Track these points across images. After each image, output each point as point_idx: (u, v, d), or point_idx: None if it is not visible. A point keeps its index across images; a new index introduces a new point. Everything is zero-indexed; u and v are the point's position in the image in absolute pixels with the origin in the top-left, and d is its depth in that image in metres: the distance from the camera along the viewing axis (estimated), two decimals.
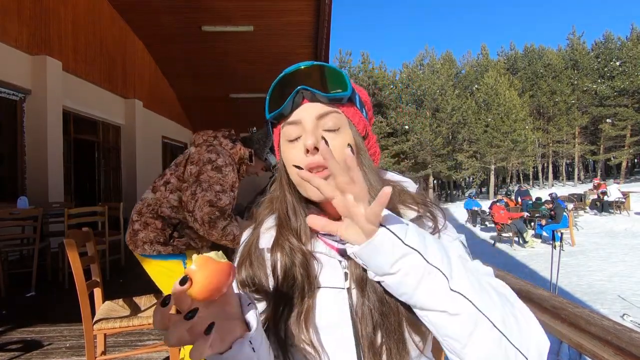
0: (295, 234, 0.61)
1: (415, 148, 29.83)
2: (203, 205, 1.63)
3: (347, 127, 0.59)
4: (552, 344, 2.27)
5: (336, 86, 0.58)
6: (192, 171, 1.69)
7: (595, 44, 37.38)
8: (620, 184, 18.29)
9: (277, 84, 0.59)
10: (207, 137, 1.80)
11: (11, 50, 4.80)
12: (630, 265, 7.43)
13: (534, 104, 34.89)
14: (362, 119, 0.62)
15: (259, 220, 0.68)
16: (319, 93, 0.56)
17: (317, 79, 0.57)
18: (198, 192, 1.65)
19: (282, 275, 0.59)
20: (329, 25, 7.26)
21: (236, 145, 1.81)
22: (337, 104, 0.58)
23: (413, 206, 0.61)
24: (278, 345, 0.58)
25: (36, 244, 3.69)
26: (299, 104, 0.57)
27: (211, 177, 1.67)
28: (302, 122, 0.57)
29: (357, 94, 0.62)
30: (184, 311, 0.40)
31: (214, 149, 1.73)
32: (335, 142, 0.56)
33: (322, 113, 0.57)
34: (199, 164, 1.69)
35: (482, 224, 13.66)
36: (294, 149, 0.58)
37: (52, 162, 5.26)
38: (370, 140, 0.64)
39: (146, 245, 1.71)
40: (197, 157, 1.71)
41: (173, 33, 7.79)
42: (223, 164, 1.70)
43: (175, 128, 11.40)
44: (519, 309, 0.49)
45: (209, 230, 1.66)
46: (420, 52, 48.37)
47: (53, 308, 3.27)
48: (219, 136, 1.81)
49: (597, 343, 1.10)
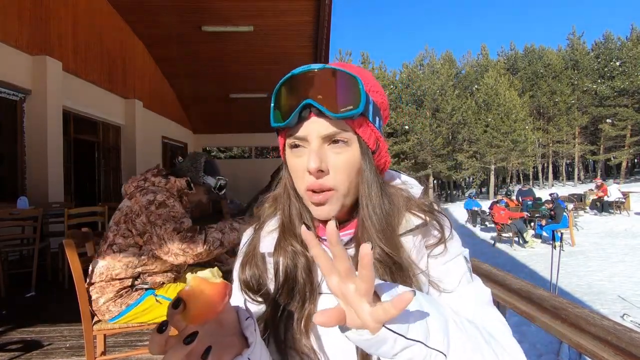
0: (299, 239, 0.60)
1: (415, 148, 29.83)
2: (172, 238, 1.60)
3: (356, 144, 0.56)
4: (552, 344, 2.27)
5: (347, 101, 0.53)
6: (143, 221, 1.64)
7: (595, 44, 37.37)
8: (620, 184, 18.28)
9: (284, 87, 0.55)
10: (137, 183, 1.75)
11: (11, 50, 4.79)
12: (630, 265, 7.42)
13: (534, 104, 34.88)
14: (373, 133, 0.57)
15: (262, 220, 0.67)
16: (327, 112, 0.52)
17: (327, 91, 0.53)
18: (160, 232, 1.62)
19: (283, 278, 0.59)
20: (329, 25, 7.26)
21: (169, 180, 1.78)
22: (347, 121, 0.54)
23: (419, 214, 0.60)
24: (277, 348, 0.57)
25: (36, 244, 3.69)
26: (305, 118, 0.54)
27: (161, 215, 1.63)
28: (307, 138, 0.55)
29: (371, 103, 0.57)
30: (179, 331, 0.39)
31: (148, 191, 1.69)
32: (339, 159, 0.55)
33: (328, 134, 0.54)
34: (143, 211, 1.64)
35: (482, 224, 13.66)
36: (298, 159, 0.56)
37: (52, 162, 5.26)
38: (380, 152, 0.60)
39: (111, 306, 1.65)
40: (138, 207, 1.66)
41: (173, 33, 7.80)
42: (164, 198, 1.67)
43: (175, 128, 11.41)
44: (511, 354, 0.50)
45: (194, 253, 1.63)
46: (420, 52, 48.48)
47: (53, 308, 3.26)
48: (149, 177, 1.76)
49: (597, 343, 1.09)
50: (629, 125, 31.84)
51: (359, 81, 0.53)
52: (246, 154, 19.22)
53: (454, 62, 40.57)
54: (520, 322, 4.08)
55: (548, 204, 11.33)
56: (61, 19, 5.69)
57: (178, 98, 11.22)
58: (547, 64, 35.51)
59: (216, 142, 14.97)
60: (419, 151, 29.90)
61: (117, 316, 1.66)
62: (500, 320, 0.55)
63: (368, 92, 0.56)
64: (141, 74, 8.58)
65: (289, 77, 0.54)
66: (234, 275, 0.67)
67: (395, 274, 0.55)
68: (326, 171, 0.54)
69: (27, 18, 4.98)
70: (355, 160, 0.56)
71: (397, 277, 0.55)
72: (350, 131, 0.55)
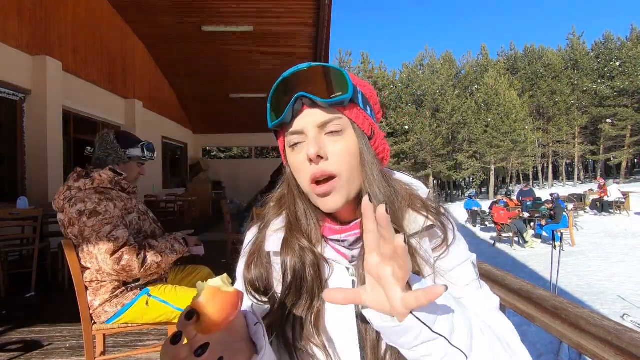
0: (306, 235, 0.60)
1: (415, 148, 29.82)
2: (106, 257, 1.53)
3: (351, 130, 0.57)
4: (552, 344, 2.27)
5: (336, 89, 0.55)
6: (74, 233, 1.58)
7: (595, 44, 37.38)
8: (620, 184, 18.28)
9: (276, 89, 0.57)
10: (64, 195, 1.64)
11: (11, 51, 4.79)
12: (630, 265, 7.42)
13: (534, 104, 34.88)
14: (366, 119, 0.59)
15: (266, 220, 0.67)
16: (319, 100, 0.54)
17: (316, 82, 0.55)
18: (92, 249, 1.55)
19: (291, 276, 0.59)
20: (329, 26, 7.26)
21: (94, 177, 1.67)
22: (339, 107, 0.56)
23: (423, 212, 0.60)
24: (285, 346, 0.57)
25: (36, 244, 3.69)
26: (299, 111, 0.56)
27: (93, 226, 1.55)
28: (303, 131, 0.56)
29: (359, 93, 0.59)
30: (189, 339, 0.40)
31: (77, 200, 1.59)
32: (338, 146, 0.55)
33: (323, 122, 0.56)
34: (75, 223, 1.57)
35: (482, 224, 13.66)
36: (297, 155, 0.57)
37: (52, 162, 5.26)
38: (377, 139, 0.61)
39: (107, 307, 1.63)
40: (68, 219, 1.58)
41: (173, 33, 7.79)
42: (95, 205, 1.58)
43: (175, 128, 11.41)
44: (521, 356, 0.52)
45: (128, 274, 1.58)
46: (420, 52, 48.46)
47: (53, 308, 3.26)
48: (72, 185, 1.66)
49: (598, 343, 1.09)
50: (629, 125, 31.83)
51: (344, 73, 0.56)
52: (246, 154, 19.25)
53: (454, 62, 40.57)
54: (520, 322, 4.08)
55: (548, 204, 11.33)
56: (61, 19, 5.69)
57: (178, 98, 11.22)
58: (547, 64, 35.52)
59: (216, 142, 14.97)
60: (419, 151, 29.89)
61: (113, 317, 1.65)
62: (510, 328, 0.55)
63: (355, 84, 0.59)
64: (141, 74, 8.58)
65: (280, 80, 0.57)
66: (237, 275, 0.67)
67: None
68: (325, 157, 0.55)
69: (27, 18, 4.98)
70: (353, 147, 0.57)
71: None
72: (344, 117, 0.57)
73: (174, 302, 1.68)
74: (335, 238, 0.60)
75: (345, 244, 0.59)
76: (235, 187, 13.33)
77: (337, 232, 0.60)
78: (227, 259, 4.68)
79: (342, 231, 0.59)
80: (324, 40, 7.68)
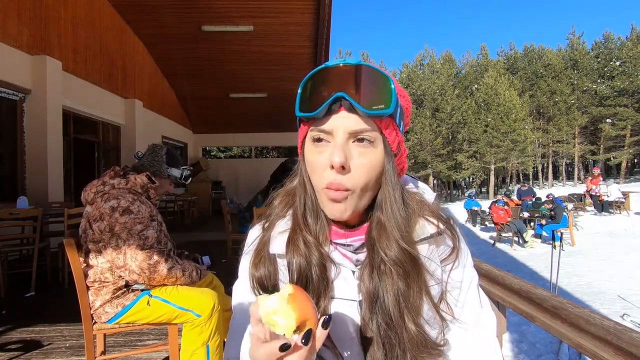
0: (311, 230, 0.59)
1: (415, 148, 29.82)
2: (135, 255, 1.55)
3: (381, 145, 0.54)
4: (552, 344, 2.27)
5: (380, 99, 0.52)
6: (101, 228, 1.58)
7: (595, 44, 37.33)
8: (620, 184, 18.27)
9: (314, 78, 0.53)
10: (96, 189, 1.67)
11: (11, 50, 4.80)
12: (630, 265, 7.42)
13: (534, 104, 34.87)
14: (397, 136, 0.56)
15: (271, 219, 0.65)
16: (359, 107, 0.51)
17: (360, 86, 0.51)
18: (121, 245, 1.55)
19: (297, 275, 0.58)
20: (329, 25, 7.26)
21: (129, 178, 1.72)
22: (376, 119, 0.53)
23: (433, 220, 0.59)
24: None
25: (36, 244, 3.68)
26: (334, 111, 0.52)
27: (125, 223, 1.57)
28: (332, 132, 0.53)
29: (399, 107, 0.56)
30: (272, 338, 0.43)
31: (110, 196, 1.62)
32: (363, 160, 0.53)
33: (355, 130, 0.52)
34: (105, 218, 1.57)
35: (482, 224, 13.65)
36: (319, 155, 0.54)
37: (52, 162, 5.26)
38: (401, 156, 0.59)
39: (107, 307, 1.62)
40: (98, 213, 1.59)
41: (173, 33, 7.80)
42: (128, 204, 1.61)
43: (175, 128, 11.41)
44: None
45: (151, 276, 1.60)
46: (420, 52, 48.40)
47: (53, 308, 3.26)
48: (107, 181, 1.69)
49: (598, 343, 1.10)
50: (629, 125, 31.82)
51: (391, 82, 0.53)
52: (246, 154, 19.24)
53: (454, 62, 40.51)
54: (520, 322, 4.08)
55: (548, 204, 11.33)
56: (61, 19, 5.69)
57: (178, 98, 11.22)
58: (547, 63, 35.51)
59: (216, 142, 14.96)
60: (419, 151, 29.88)
61: (113, 318, 1.65)
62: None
63: (398, 95, 0.55)
64: (141, 74, 8.58)
65: (322, 68, 0.53)
66: (239, 273, 0.66)
67: (410, 277, 0.55)
68: (347, 169, 0.53)
69: (27, 18, 4.98)
70: (378, 162, 0.55)
71: (412, 281, 0.55)
72: (377, 131, 0.54)
73: (175, 301, 1.68)
74: (341, 242, 0.60)
75: (351, 248, 0.59)
76: (235, 187, 13.32)
77: (342, 236, 0.60)
78: (227, 259, 4.68)
79: (348, 235, 0.59)
80: (324, 40, 7.68)
